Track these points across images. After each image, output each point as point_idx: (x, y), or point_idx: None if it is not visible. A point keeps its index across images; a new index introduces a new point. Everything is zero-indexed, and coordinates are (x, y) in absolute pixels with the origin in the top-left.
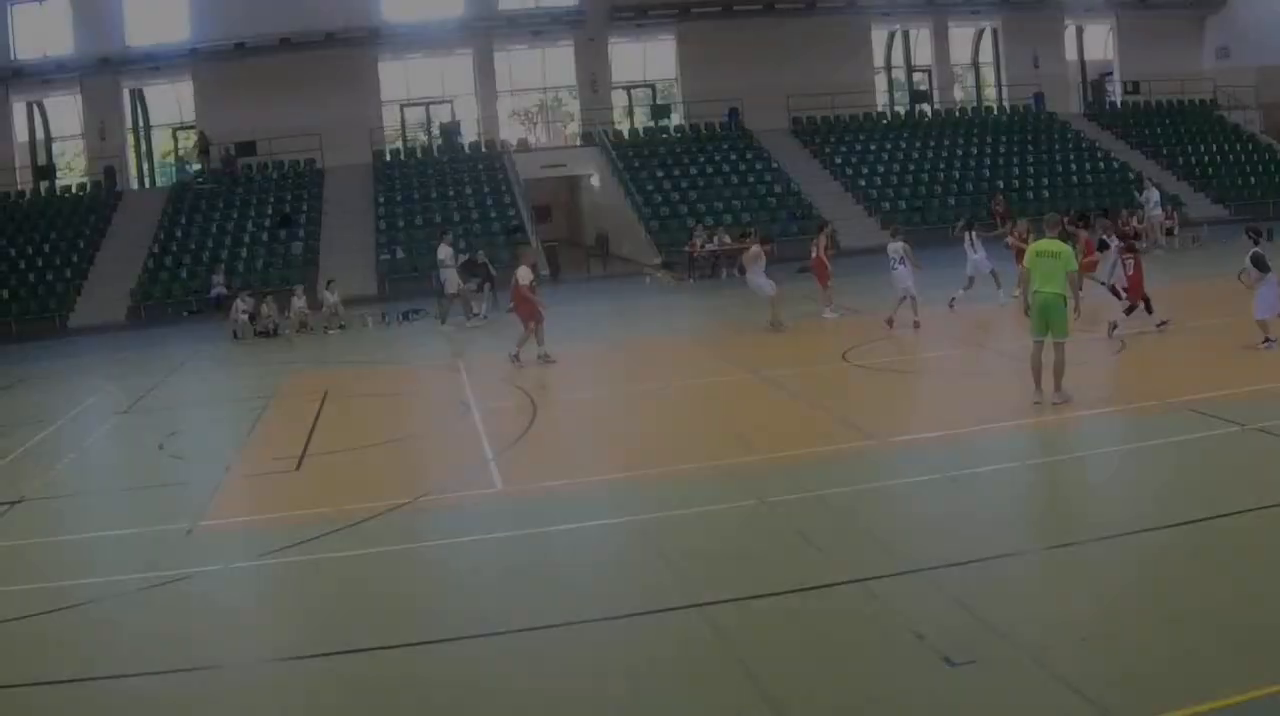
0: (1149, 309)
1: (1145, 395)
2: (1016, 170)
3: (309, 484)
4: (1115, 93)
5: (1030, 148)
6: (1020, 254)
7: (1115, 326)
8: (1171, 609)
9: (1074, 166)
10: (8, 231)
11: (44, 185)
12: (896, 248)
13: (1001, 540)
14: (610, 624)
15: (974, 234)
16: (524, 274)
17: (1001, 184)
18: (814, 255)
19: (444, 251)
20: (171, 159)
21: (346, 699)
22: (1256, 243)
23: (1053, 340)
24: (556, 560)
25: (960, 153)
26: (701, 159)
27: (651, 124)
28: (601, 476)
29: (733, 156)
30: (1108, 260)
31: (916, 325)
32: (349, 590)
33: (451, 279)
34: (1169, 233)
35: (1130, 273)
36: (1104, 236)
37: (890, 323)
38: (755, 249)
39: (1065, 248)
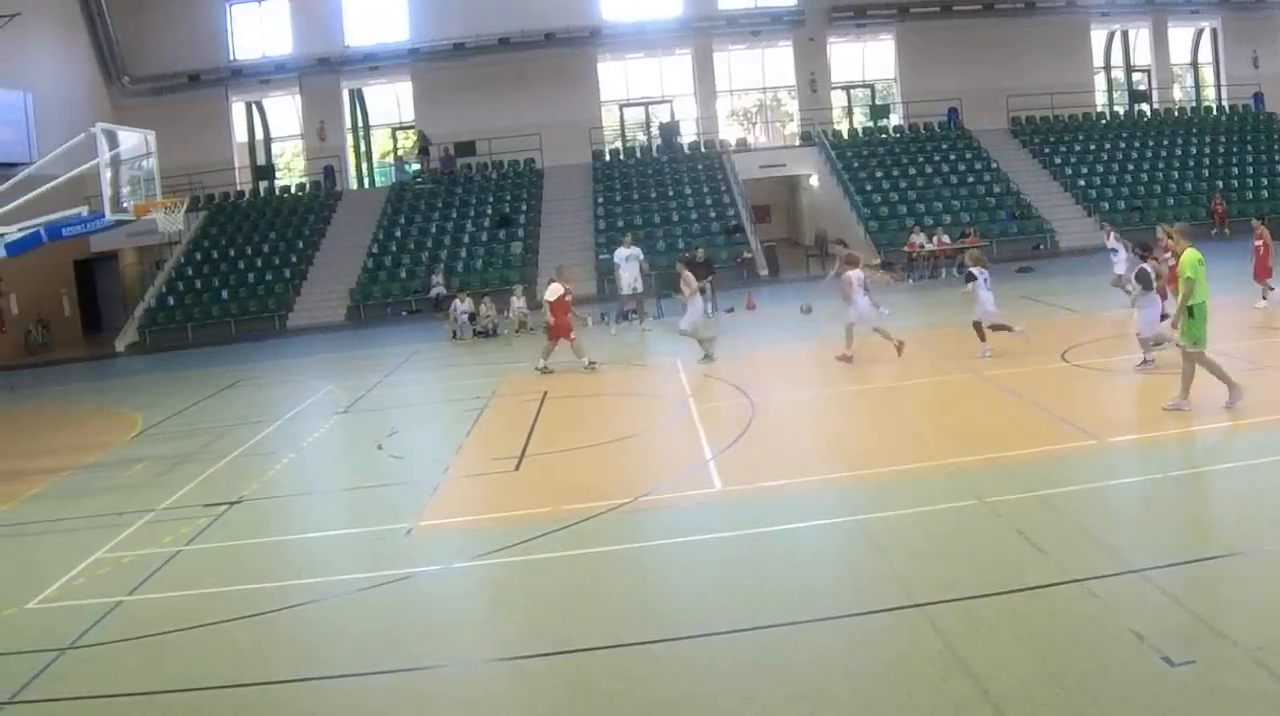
0: None
1: None
2: (1235, 170)
3: (528, 484)
4: None
5: (1249, 148)
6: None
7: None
8: None
9: None
10: (228, 231)
11: (263, 185)
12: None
13: (1222, 540)
14: (831, 624)
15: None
16: (553, 291)
17: (1221, 184)
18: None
19: (620, 253)
20: (390, 159)
21: (565, 699)
22: (1144, 259)
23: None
24: (776, 560)
25: (1179, 153)
26: (920, 159)
27: (870, 124)
28: (820, 476)
29: (951, 157)
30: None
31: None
32: (568, 590)
33: (625, 279)
34: None
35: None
36: (971, 268)
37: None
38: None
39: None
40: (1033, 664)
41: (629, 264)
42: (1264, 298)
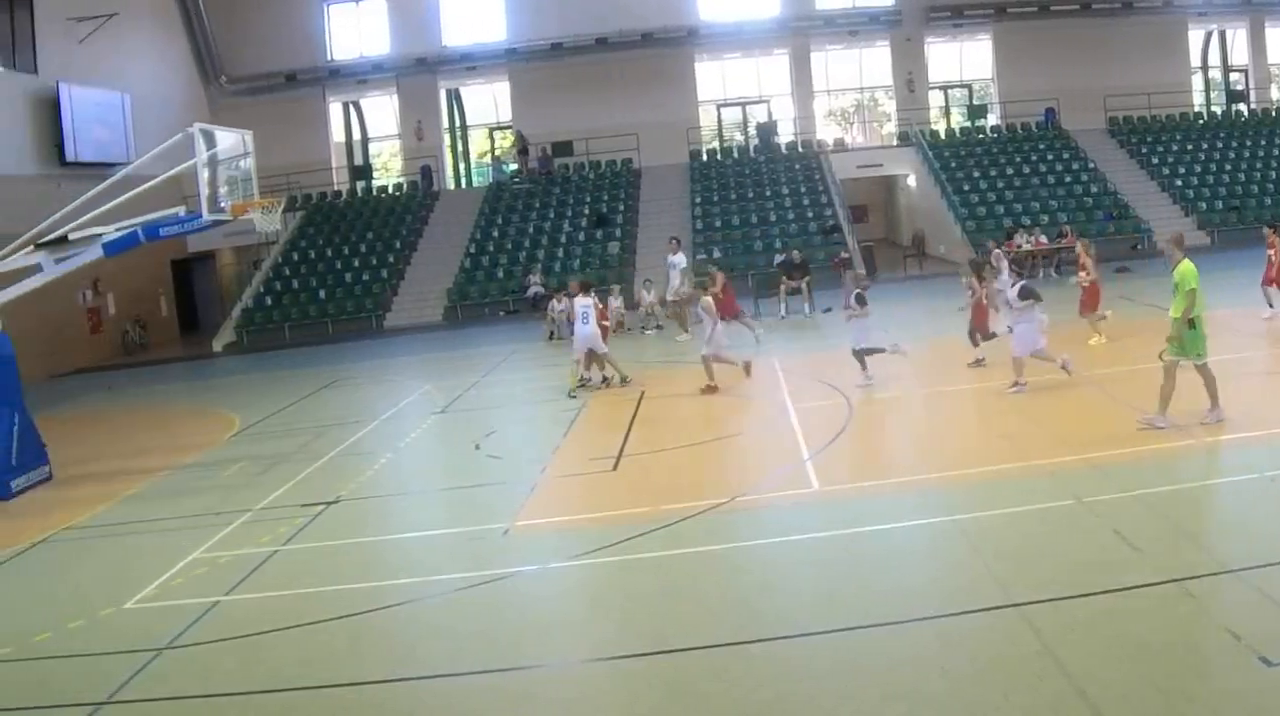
0: None
1: None
2: None
3: (625, 484)
4: None
5: None
6: None
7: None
8: None
9: None
10: (325, 232)
11: (360, 185)
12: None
13: None
14: (928, 623)
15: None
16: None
17: None
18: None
19: (670, 259)
20: (488, 159)
21: (663, 699)
22: (1022, 275)
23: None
24: (873, 560)
25: (1276, 152)
26: (1018, 159)
27: (968, 124)
28: (917, 476)
29: (1049, 156)
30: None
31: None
32: (665, 590)
33: (673, 284)
34: None
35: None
36: (858, 289)
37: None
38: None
39: None
40: (1129, 663)
41: (675, 271)
42: (1271, 305)
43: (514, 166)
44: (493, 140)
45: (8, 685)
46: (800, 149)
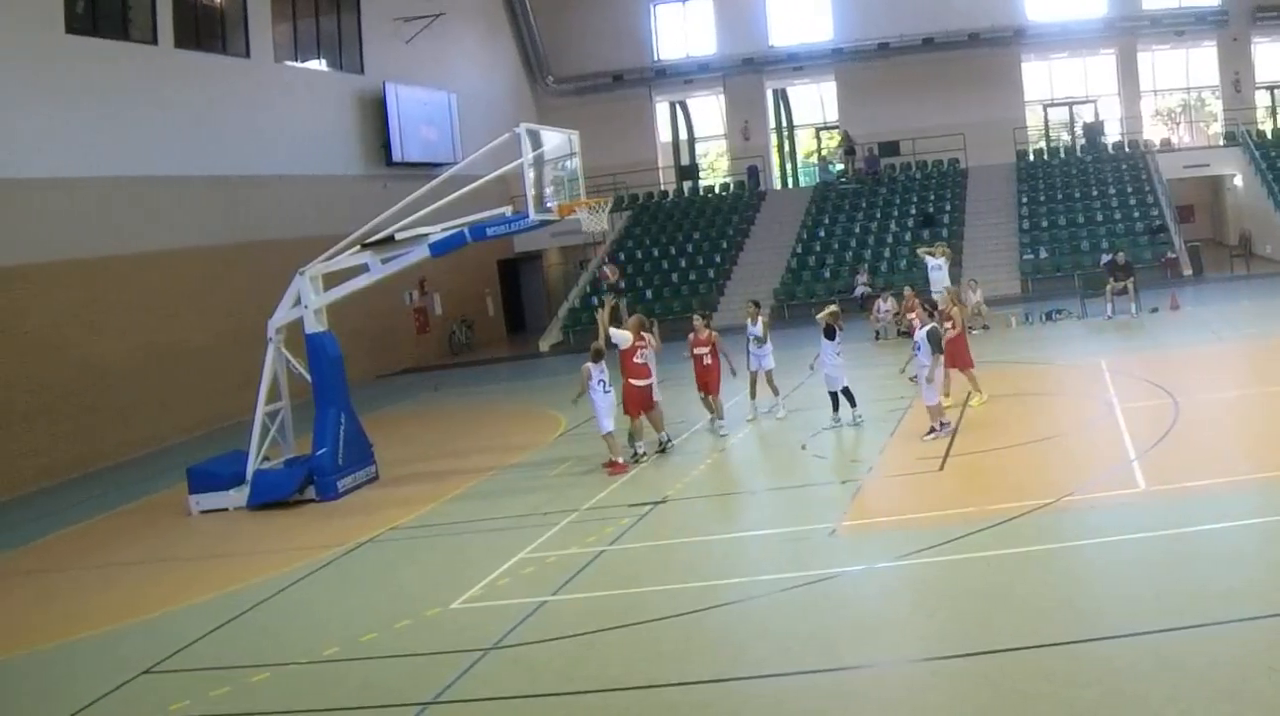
0: None
1: None
2: None
3: (952, 484)
4: None
5: None
6: None
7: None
8: None
9: None
10: (651, 232)
11: (687, 185)
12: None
13: None
14: (1253, 624)
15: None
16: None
17: None
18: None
19: (932, 263)
20: (814, 159)
21: (990, 699)
22: (932, 316)
23: None
24: (1199, 560)
25: None
26: None
27: None
28: (1246, 476)
29: None
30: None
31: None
32: (991, 590)
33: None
34: None
35: None
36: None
37: None
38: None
39: None
40: None
41: (938, 273)
42: None
43: (840, 167)
44: (819, 140)
45: (335, 685)
46: (1126, 149)
